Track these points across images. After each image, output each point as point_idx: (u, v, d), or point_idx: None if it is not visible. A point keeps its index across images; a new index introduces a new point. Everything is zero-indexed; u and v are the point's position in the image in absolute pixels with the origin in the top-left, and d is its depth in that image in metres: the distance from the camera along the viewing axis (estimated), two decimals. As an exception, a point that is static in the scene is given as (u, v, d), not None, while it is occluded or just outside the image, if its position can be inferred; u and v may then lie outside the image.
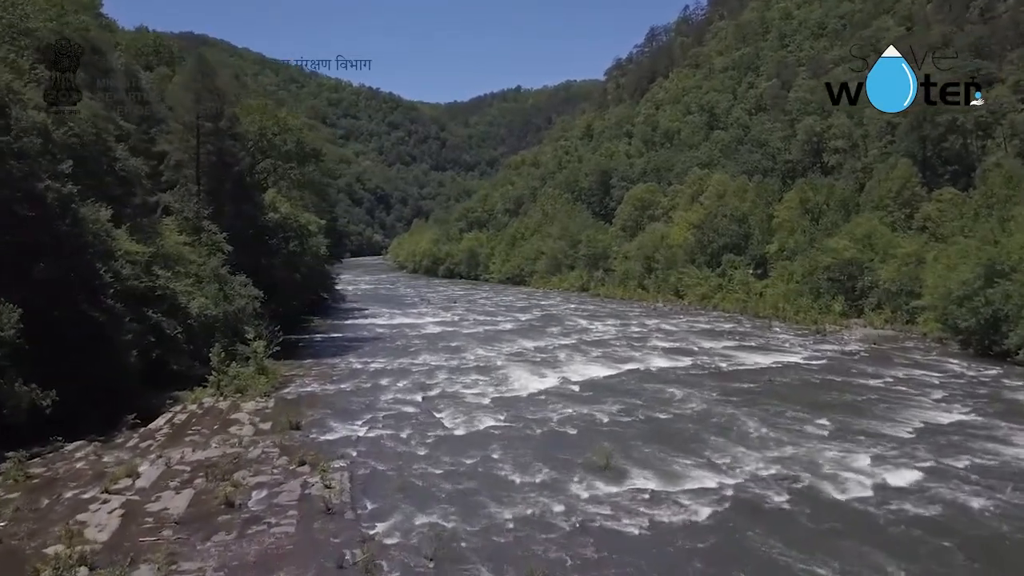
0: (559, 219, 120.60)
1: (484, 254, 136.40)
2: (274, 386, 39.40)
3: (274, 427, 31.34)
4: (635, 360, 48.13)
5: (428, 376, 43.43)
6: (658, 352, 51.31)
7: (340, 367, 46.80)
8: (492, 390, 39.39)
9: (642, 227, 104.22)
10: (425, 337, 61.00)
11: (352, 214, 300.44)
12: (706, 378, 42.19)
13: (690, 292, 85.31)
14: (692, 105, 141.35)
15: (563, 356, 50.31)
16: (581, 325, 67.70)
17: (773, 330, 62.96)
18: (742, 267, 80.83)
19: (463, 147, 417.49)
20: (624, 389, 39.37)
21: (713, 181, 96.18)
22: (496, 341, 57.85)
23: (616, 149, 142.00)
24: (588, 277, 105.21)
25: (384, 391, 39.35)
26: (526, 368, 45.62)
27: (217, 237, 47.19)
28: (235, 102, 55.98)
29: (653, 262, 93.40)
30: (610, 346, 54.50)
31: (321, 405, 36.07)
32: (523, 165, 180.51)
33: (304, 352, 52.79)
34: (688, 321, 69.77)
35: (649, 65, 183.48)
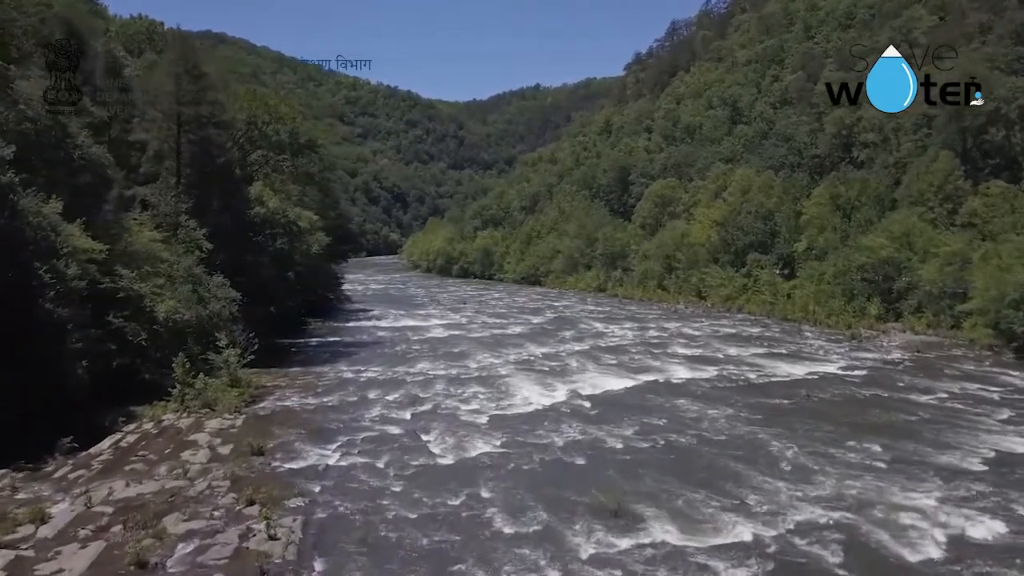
0: (576, 217, 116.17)
1: (498, 253, 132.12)
2: (248, 400, 35.15)
3: (234, 452, 27.05)
4: (654, 370, 43.58)
5: (423, 388, 39.05)
6: (679, 360, 46.72)
7: (328, 376, 42.54)
8: (491, 405, 34.94)
9: (662, 225, 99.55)
10: (428, 342, 56.69)
11: (369, 213, 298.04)
12: (734, 392, 37.53)
13: (713, 293, 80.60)
14: (714, 99, 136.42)
15: (574, 364, 45.85)
16: (596, 329, 63.17)
17: (804, 335, 58.23)
18: (768, 267, 75.99)
19: (481, 145, 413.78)
20: (641, 405, 34.82)
21: (737, 176, 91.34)
22: (503, 346, 53.45)
23: (635, 145, 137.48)
24: (605, 277, 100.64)
25: (371, 406, 34.98)
26: (532, 379, 41.19)
27: (195, 234, 43.03)
28: (221, 88, 51.72)
29: (674, 261, 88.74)
30: (626, 353, 49.96)
31: (295, 423, 31.71)
32: (540, 162, 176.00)
33: (294, 358, 48.68)
34: (711, 325, 65.07)
35: (669, 59, 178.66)
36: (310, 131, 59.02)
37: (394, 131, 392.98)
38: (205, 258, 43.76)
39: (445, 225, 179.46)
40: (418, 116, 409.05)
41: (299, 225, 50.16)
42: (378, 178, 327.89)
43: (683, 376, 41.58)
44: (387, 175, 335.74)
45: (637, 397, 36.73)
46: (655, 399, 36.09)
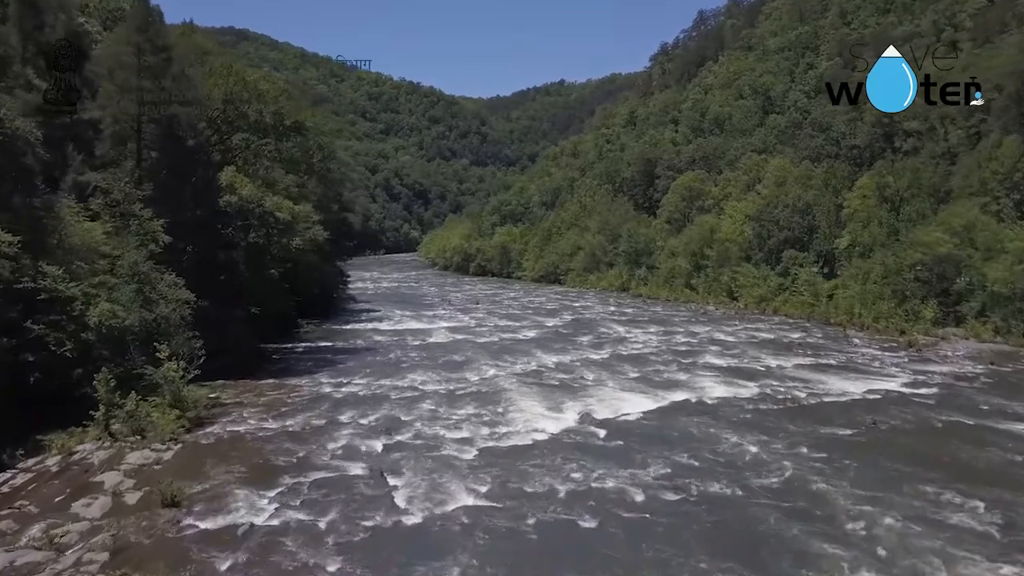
0: (598, 212, 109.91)
1: (517, 250, 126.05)
2: (190, 424, 29.07)
3: (142, 502, 21.00)
4: (683, 386, 37.06)
5: (407, 408, 32.80)
6: (712, 373, 40.17)
7: (302, 391, 36.44)
8: (484, 433, 28.57)
9: (690, 220, 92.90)
10: (427, 348, 50.56)
11: (389, 210, 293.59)
12: (781, 417, 30.92)
13: (745, 293, 73.97)
14: (745, 89, 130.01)
15: (590, 377, 39.42)
16: (617, 333, 56.72)
17: (851, 342, 51.49)
18: (808, 265, 69.19)
19: (504, 142, 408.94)
20: (667, 436, 28.32)
21: (771, 167, 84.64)
22: (511, 354, 47.19)
23: (661, 137, 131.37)
24: (628, 276, 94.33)
25: (338, 433, 28.75)
26: (539, 396, 34.79)
27: (151, 225, 37.00)
28: (192, 62, 45.66)
29: (702, 259, 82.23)
30: (651, 363, 43.49)
31: (238, 457, 25.55)
32: (562, 156, 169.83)
33: (272, 367, 42.77)
34: (746, 329, 58.41)
35: (697, 49, 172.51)
36: (296, 112, 52.60)
37: (416, 127, 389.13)
38: (161, 253, 37.95)
39: (463, 222, 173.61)
40: (441, 112, 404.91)
41: (277, 216, 43.95)
42: (399, 174, 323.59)
43: (718, 394, 34.99)
44: (408, 171, 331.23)
45: (663, 423, 30.21)
46: (685, 426, 29.56)
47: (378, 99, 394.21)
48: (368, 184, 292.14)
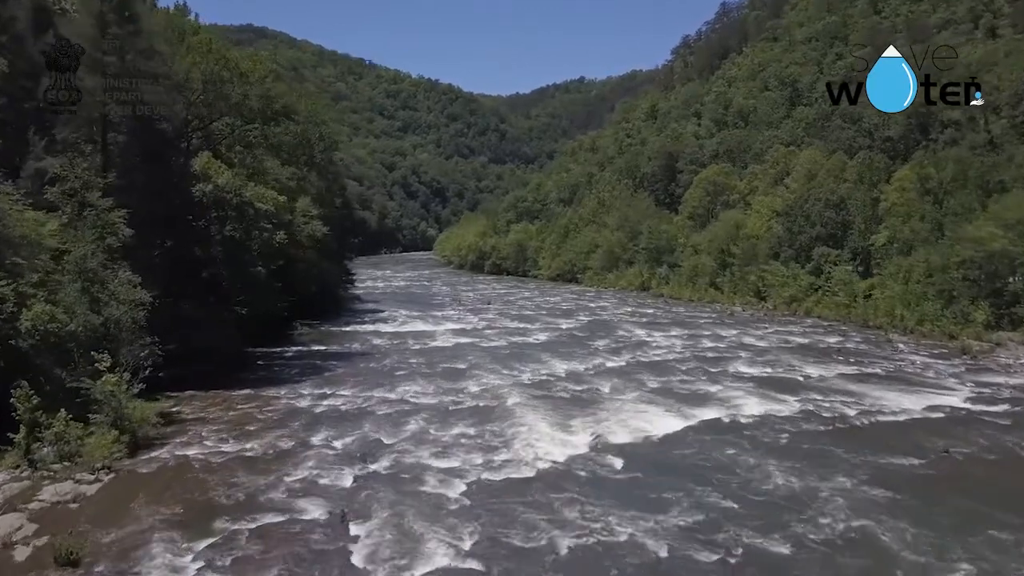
0: (617, 207, 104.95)
1: (533, 248, 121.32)
2: (133, 445, 24.72)
3: (33, 559, 16.60)
4: (712, 400, 32.37)
5: (393, 425, 28.36)
6: (745, 384, 35.43)
7: (278, 404, 32.10)
8: (477, 463, 23.97)
9: (714, 215, 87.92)
10: (429, 352, 46.21)
11: (406, 207, 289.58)
12: (832, 442, 26.10)
13: (775, 294, 69.07)
14: (771, 80, 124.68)
15: (606, 389, 34.79)
16: (637, 337, 52.06)
17: (896, 347, 46.63)
18: (844, 263, 64.22)
19: (523, 139, 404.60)
20: (697, 468, 23.61)
21: (802, 159, 79.78)
22: (520, 360, 42.71)
23: (683, 130, 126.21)
24: (649, 274, 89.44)
25: (304, 458, 24.32)
26: (547, 413, 30.21)
27: (110, 216, 32.73)
28: (166, 38, 41.32)
29: (728, 256, 77.27)
30: (675, 372, 38.80)
31: (175, 494, 21.15)
32: (580, 150, 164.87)
33: (252, 375, 38.56)
34: (777, 332, 53.62)
35: (719, 41, 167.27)
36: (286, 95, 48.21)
37: (435, 125, 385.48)
38: (128, 248, 33.82)
39: (479, 219, 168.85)
40: (459, 110, 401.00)
41: (257, 207, 39.37)
42: (417, 172, 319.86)
43: (753, 412, 30.21)
44: (426, 169, 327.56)
45: (690, 449, 25.51)
46: (717, 454, 24.85)
47: (396, 96, 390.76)
48: (385, 182, 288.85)
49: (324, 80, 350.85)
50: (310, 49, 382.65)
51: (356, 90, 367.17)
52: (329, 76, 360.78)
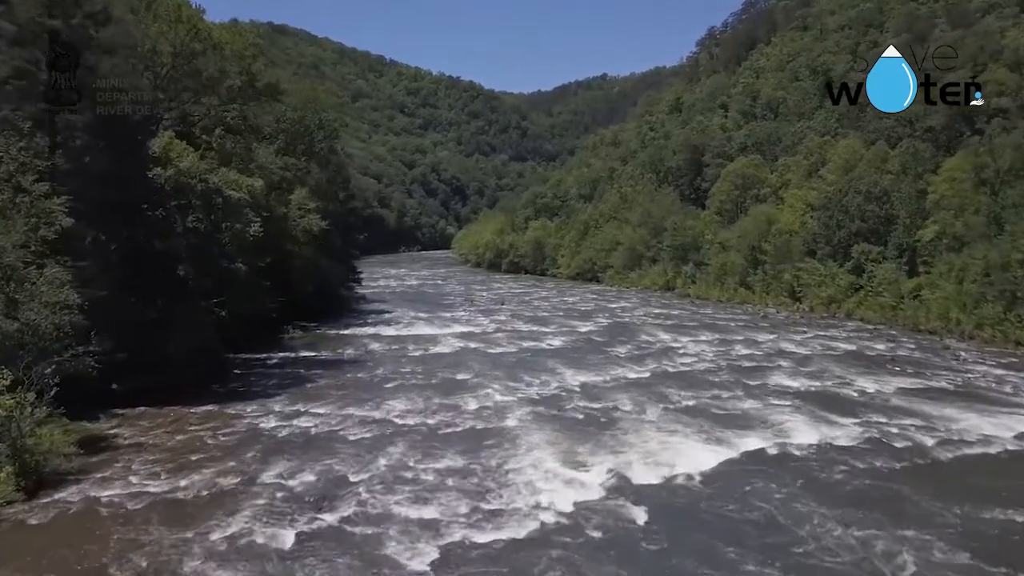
0: (640, 203, 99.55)
1: (551, 245, 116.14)
2: (36, 484, 19.86)
3: None
4: (754, 423, 27.14)
5: (366, 456, 23.37)
6: (792, 402, 30.19)
7: (238, 425, 27.26)
8: (462, 511, 18.90)
9: (743, 210, 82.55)
10: (428, 360, 41.28)
11: (425, 205, 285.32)
12: (910, 485, 20.73)
13: (811, 294, 63.71)
14: (801, 70, 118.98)
15: (627, 407, 29.65)
16: (662, 342, 46.92)
17: (957, 355, 41.27)
18: (891, 260, 58.68)
19: (545, 137, 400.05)
20: (742, 523, 18.39)
21: (839, 149, 74.10)
22: (530, 370, 37.70)
23: (709, 123, 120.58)
24: (674, 273, 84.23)
25: (244, 504, 19.34)
26: (555, 439, 25.15)
27: (47, 203, 27.96)
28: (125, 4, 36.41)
29: (759, 254, 71.78)
30: (707, 386, 33.59)
31: (57, 560, 16.21)
32: (601, 145, 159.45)
33: (222, 387, 33.89)
34: (818, 337, 48.30)
35: (746, 32, 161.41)
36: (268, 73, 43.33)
37: (455, 122, 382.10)
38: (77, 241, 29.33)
39: (496, 216, 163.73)
40: (480, 107, 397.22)
41: (227, 195, 34.28)
42: (436, 170, 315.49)
43: (805, 440, 24.89)
44: (446, 167, 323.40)
45: (732, 495, 20.23)
46: (765, 502, 19.57)
47: (417, 94, 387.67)
48: (404, 179, 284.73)
49: (344, 78, 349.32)
50: (331, 47, 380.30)
51: (377, 87, 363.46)
52: (349, 74, 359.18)
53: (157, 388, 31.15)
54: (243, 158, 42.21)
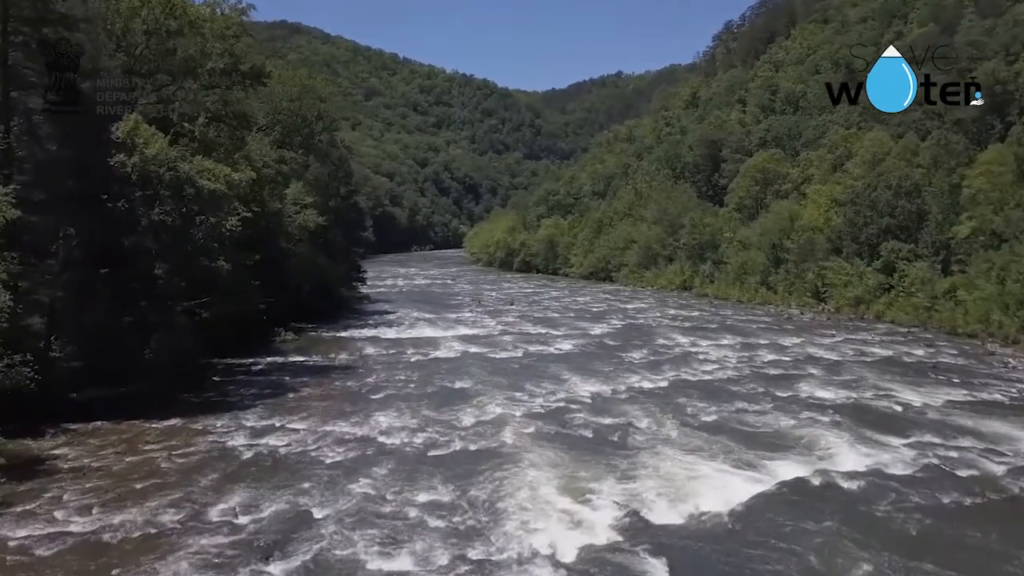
0: (655, 199, 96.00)
1: (564, 244, 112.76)
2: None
3: None
4: (790, 443, 23.65)
5: (336, 485, 20.04)
6: (829, 417, 26.68)
7: (199, 445, 23.93)
8: (442, 561, 15.47)
9: (764, 206, 79.11)
10: (426, 366, 38.03)
11: (438, 204, 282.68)
12: (983, 525, 17.27)
13: (837, 294, 60.20)
14: (823, 63, 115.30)
15: (643, 424, 26.20)
16: (680, 346, 43.53)
17: (1005, 363, 37.75)
18: (925, 258, 55.04)
19: (559, 135, 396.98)
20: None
21: (866, 142, 70.51)
22: (535, 378, 34.36)
23: (727, 118, 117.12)
24: (692, 272, 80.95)
25: (178, 550, 15.91)
26: (558, 463, 21.74)
27: (-7, 193, 24.82)
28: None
29: (781, 252, 68.19)
30: (732, 397, 30.14)
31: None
32: (616, 141, 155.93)
33: (193, 399, 30.58)
34: (848, 341, 44.79)
35: (764, 25, 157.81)
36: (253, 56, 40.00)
37: (469, 120, 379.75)
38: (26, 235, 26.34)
39: (508, 214, 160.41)
40: (494, 105, 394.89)
41: (200, 185, 30.80)
42: (449, 168, 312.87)
43: (851, 466, 21.26)
44: (459, 165, 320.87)
45: (769, 536, 16.77)
46: (811, 547, 16.10)
47: (430, 92, 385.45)
48: (417, 178, 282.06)
49: (358, 76, 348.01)
50: (344, 45, 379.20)
51: (390, 86, 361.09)
52: (363, 72, 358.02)
53: (122, 398, 28.27)
54: (228, 148, 38.88)
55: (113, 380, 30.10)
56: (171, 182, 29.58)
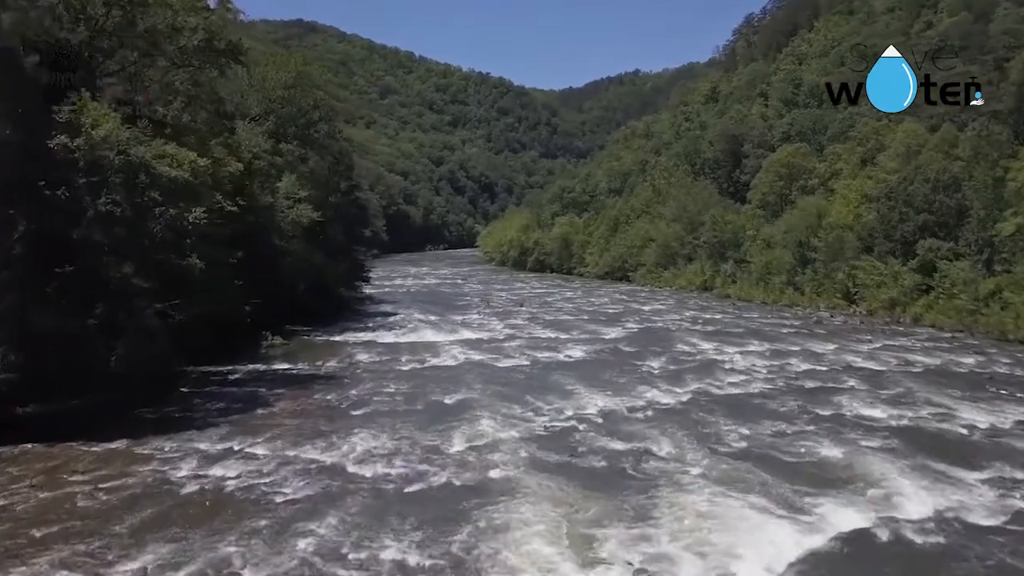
0: (674, 196, 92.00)
1: (579, 242, 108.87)
2: None
3: None
4: (840, 478, 19.54)
5: (287, 533, 16.29)
6: (882, 442, 22.63)
7: (136, 475, 20.25)
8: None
9: (789, 203, 75.01)
10: (421, 376, 34.24)
11: (453, 203, 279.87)
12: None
13: (870, 295, 56.00)
14: (848, 55, 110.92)
15: (663, 448, 22.25)
16: (703, 353, 39.57)
17: (1070, 374, 33.45)
18: (970, 257, 50.83)
19: (576, 133, 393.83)
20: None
21: (900, 134, 66.18)
22: (539, 391, 30.48)
23: (748, 112, 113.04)
24: (712, 272, 76.89)
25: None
26: (558, 504, 17.87)
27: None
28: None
29: (808, 250, 64.04)
30: (766, 416, 26.09)
31: None
32: (633, 137, 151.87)
33: (150, 415, 27.14)
34: (888, 348, 40.70)
35: (786, 18, 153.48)
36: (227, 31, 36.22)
37: (485, 119, 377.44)
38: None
39: (522, 212, 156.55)
40: (510, 103, 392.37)
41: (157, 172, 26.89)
42: (465, 167, 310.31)
43: (920, 509, 17.13)
44: (474, 164, 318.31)
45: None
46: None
47: (446, 91, 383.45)
48: (432, 177, 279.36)
49: (373, 74, 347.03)
50: (359, 43, 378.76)
51: (406, 84, 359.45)
52: (378, 70, 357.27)
53: (69, 413, 24.88)
54: (204, 134, 35.21)
55: (65, 392, 26.56)
56: (122, 167, 25.78)
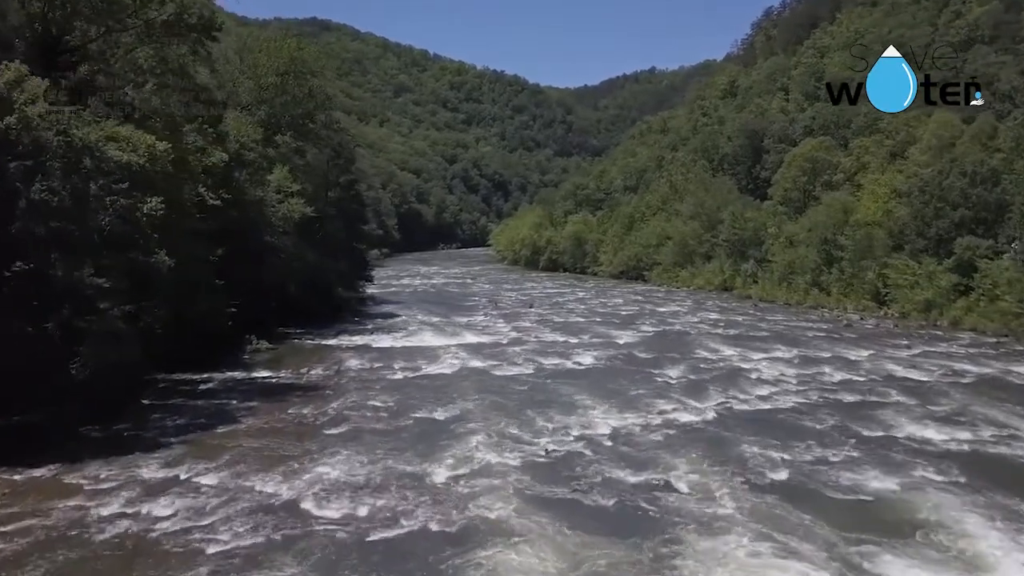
0: (692, 193, 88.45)
1: (593, 241, 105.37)
2: None
3: None
4: (902, 522, 16.05)
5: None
6: (947, 476, 18.98)
7: (58, 511, 17.02)
8: None
9: (813, 199, 71.33)
10: (412, 387, 30.96)
11: (466, 202, 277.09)
12: None
13: (903, 297, 52.34)
14: (874, 46, 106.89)
15: (684, 481, 18.73)
16: (726, 360, 36.04)
17: None
18: (1006, 257, 47.10)
19: (591, 131, 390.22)
20: None
21: (932, 126, 62.40)
22: (542, 405, 27.08)
23: (768, 106, 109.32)
24: (732, 271, 73.48)
25: None
26: (558, 548, 14.52)
27: None
28: None
29: (834, 249, 60.36)
30: (803, 438, 22.51)
31: None
32: (649, 132, 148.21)
33: (96, 434, 23.93)
34: (929, 355, 37.05)
35: (807, 11, 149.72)
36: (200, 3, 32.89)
37: (499, 117, 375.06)
38: None
39: (534, 210, 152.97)
40: (525, 101, 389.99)
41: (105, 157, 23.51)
42: (478, 165, 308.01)
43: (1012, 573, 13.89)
44: (488, 162, 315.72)
45: None
46: None
47: (460, 88, 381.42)
48: (445, 175, 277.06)
49: (387, 72, 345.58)
50: (374, 41, 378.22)
51: (420, 82, 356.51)
52: (393, 68, 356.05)
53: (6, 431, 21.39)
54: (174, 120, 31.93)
55: (14, 405, 23.33)
56: (60, 150, 22.41)
